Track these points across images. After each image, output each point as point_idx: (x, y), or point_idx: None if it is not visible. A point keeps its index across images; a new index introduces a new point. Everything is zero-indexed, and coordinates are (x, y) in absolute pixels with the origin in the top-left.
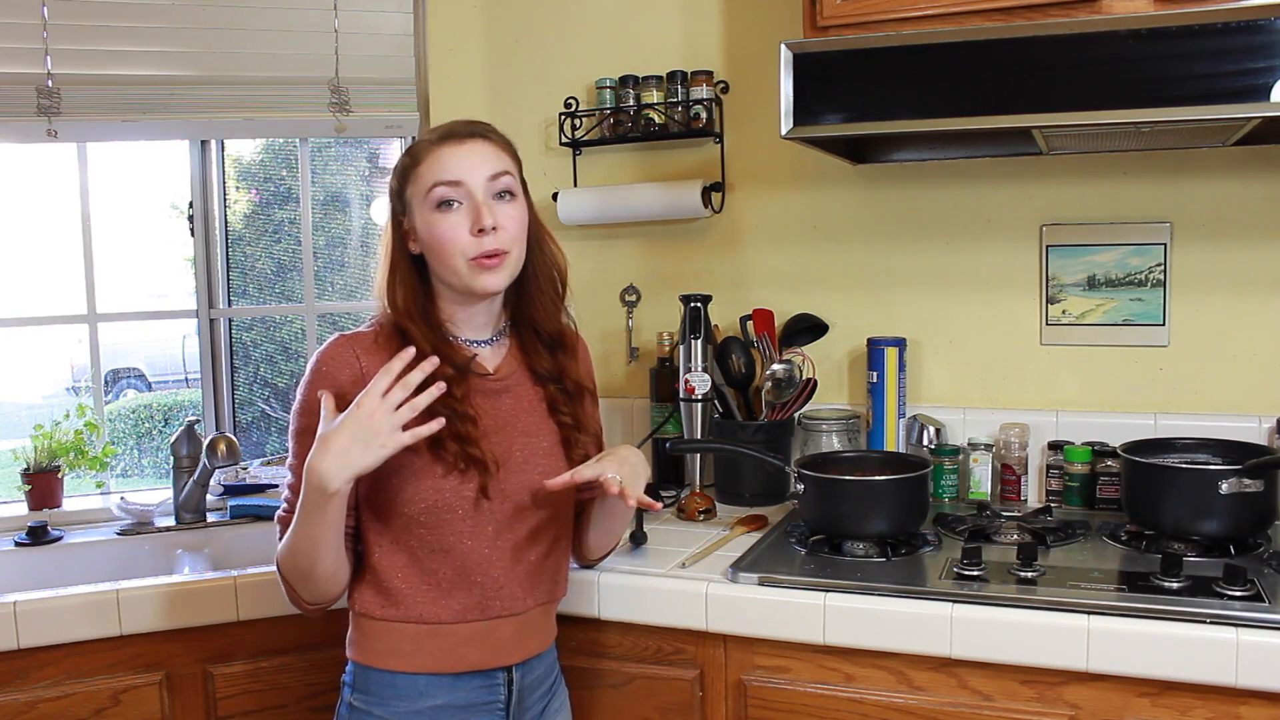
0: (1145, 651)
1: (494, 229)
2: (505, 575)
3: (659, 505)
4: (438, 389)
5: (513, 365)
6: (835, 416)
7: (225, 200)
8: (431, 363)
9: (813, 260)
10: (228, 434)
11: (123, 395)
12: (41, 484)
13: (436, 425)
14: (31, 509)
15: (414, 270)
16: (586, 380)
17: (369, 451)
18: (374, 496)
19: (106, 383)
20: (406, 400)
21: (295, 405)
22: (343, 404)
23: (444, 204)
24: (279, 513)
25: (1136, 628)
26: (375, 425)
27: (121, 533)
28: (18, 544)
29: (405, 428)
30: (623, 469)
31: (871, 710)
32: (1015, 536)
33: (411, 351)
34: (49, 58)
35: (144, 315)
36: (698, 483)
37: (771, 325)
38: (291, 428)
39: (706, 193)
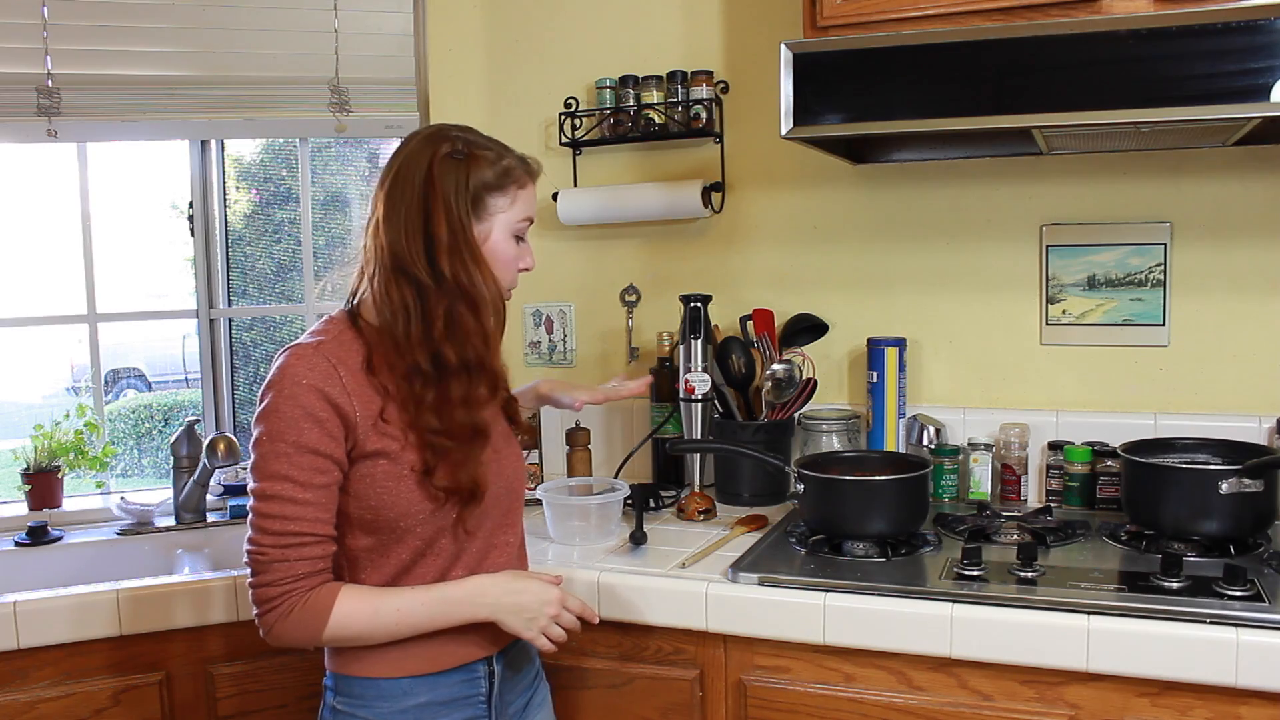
0: (1145, 651)
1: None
2: (487, 568)
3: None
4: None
5: None
6: (835, 416)
7: (225, 200)
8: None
9: (813, 260)
10: (228, 434)
11: (123, 395)
12: (41, 484)
13: (550, 648)
14: (31, 509)
15: None
16: None
17: (519, 625)
18: (375, 522)
19: (106, 383)
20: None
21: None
22: (330, 417)
23: (519, 237)
24: (276, 544)
25: (1136, 628)
26: (540, 619)
27: (121, 533)
28: (18, 544)
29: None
30: None
31: (871, 710)
32: (1015, 536)
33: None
34: (49, 58)
35: (144, 315)
36: (698, 483)
37: (771, 325)
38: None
39: (706, 193)
